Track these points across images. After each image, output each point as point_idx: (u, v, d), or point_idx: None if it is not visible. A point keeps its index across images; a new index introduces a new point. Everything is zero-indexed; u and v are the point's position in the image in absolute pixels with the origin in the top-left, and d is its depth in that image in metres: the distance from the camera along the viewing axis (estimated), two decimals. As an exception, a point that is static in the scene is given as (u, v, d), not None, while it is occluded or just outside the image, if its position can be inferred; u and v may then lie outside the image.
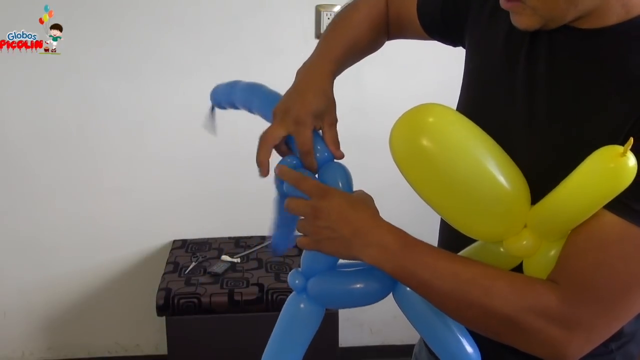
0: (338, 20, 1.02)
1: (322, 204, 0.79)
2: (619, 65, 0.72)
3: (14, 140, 2.26)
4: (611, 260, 0.69)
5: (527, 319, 0.71)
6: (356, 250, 0.78)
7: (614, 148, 0.64)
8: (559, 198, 0.70)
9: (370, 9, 1.02)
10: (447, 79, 2.01)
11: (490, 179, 0.74)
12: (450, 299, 0.76)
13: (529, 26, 0.74)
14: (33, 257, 2.39)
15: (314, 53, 0.96)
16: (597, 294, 0.70)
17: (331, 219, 0.78)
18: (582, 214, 0.69)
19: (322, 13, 2.21)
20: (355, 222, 0.78)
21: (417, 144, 0.73)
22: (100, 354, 2.52)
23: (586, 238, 0.70)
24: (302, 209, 0.81)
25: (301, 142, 0.84)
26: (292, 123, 0.84)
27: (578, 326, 0.71)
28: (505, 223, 0.76)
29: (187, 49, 2.22)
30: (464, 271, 0.75)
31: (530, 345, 0.74)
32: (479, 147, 0.75)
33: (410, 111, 0.76)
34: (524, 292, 0.72)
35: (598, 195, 0.66)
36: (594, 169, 0.66)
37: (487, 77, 0.88)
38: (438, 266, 0.75)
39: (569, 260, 0.72)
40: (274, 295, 1.98)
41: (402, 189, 0.96)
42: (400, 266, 0.76)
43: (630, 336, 0.86)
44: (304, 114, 0.84)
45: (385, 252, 0.76)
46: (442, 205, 0.79)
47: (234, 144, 2.28)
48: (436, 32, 1.00)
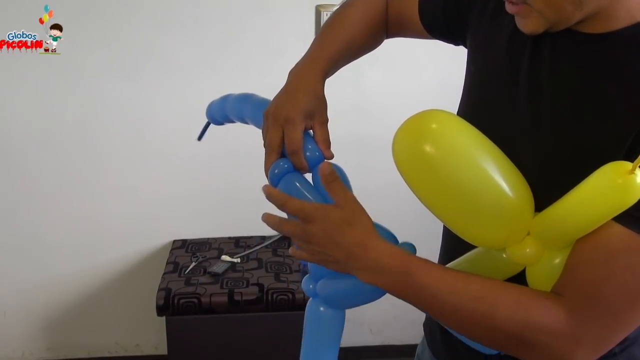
0: (333, 18, 1.00)
1: (310, 229, 0.77)
2: (623, 70, 0.72)
3: (14, 140, 2.26)
4: (618, 271, 0.69)
5: (534, 335, 0.71)
6: (353, 271, 0.78)
7: (622, 164, 0.64)
8: (565, 209, 0.70)
9: (367, 7, 1.00)
10: (446, 79, 2.01)
11: (493, 185, 0.73)
12: (453, 318, 0.76)
13: (535, 30, 0.74)
14: (33, 257, 2.39)
15: (306, 53, 0.94)
16: (604, 305, 0.70)
17: (321, 244, 0.77)
18: (588, 226, 0.69)
19: (322, 13, 2.21)
20: (347, 246, 0.76)
21: (419, 151, 0.73)
22: (100, 354, 2.52)
23: (592, 249, 0.70)
24: (294, 232, 0.80)
25: (289, 142, 0.83)
26: (283, 122, 0.83)
27: (585, 338, 0.71)
28: (509, 230, 0.75)
29: (188, 49, 2.22)
30: (466, 289, 0.74)
31: (538, 358, 0.74)
32: (482, 153, 0.75)
33: (413, 117, 0.75)
34: (529, 308, 0.72)
35: (604, 210, 0.66)
36: (602, 183, 0.65)
37: (489, 80, 0.87)
38: (439, 286, 0.74)
39: (574, 271, 0.72)
40: (274, 295, 1.98)
41: (402, 189, 0.96)
42: (398, 286, 0.76)
43: (633, 339, 0.85)
44: (294, 113, 0.83)
45: (382, 276, 0.76)
46: (444, 212, 0.78)
47: (234, 144, 2.28)
48: (437, 31, 0.99)
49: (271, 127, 0.84)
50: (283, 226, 0.81)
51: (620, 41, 0.72)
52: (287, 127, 0.83)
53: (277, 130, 0.83)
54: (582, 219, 0.68)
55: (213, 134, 2.61)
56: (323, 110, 0.87)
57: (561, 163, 0.75)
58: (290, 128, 0.83)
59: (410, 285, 0.75)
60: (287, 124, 0.83)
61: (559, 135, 0.76)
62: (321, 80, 0.90)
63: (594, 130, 0.72)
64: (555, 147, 0.76)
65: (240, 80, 2.22)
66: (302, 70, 0.91)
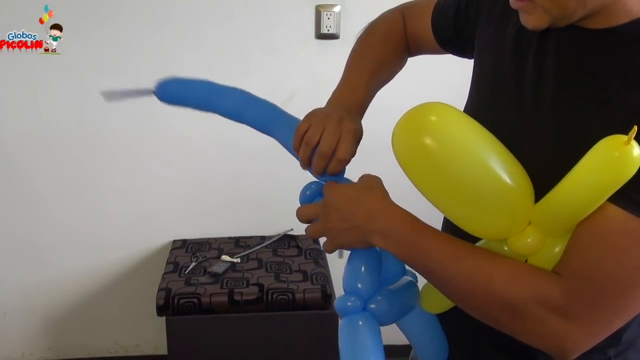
0: (358, 49, 1.04)
1: (331, 198, 0.84)
2: (624, 64, 0.73)
3: (13, 140, 2.26)
4: (613, 253, 0.69)
5: (528, 307, 0.72)
6: (368, 235, 0.81)
7: (618, 137, 0.64)
8: (564, 191, 0.70)
9: (388, 32, 1.05)
10: (447, 79, 2.01)
11: (493, 176, 0.74)
12: (453, 284, 0.78)
13: (538, 25, 0.75)
14: (33, 257, 2.39)
15: (343, 85, 0.99)
16: (599, 286, 0.70)
17: (342, 209, 0.82)
18: (587, 207, 0.69)
19: (322, 13, 2.21)
20: (366, 206, 0.81)
21: (419, 143, 0.73)
22: (100, 354, 2.52)
23: (589, 231, 0.70)
24: (313, 210, 0.86)
25: (345, 150, 0.86)
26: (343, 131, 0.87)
27: (578, 318, 0.71)
28: (510, 220, 0.76)
29: (187, 48, 2.22)
30: (468, 257, 0.77)
31: (530, 334, 0.74)
32: (481, 144, 0.75)
33: (412, 110, 0.76)
34: (526, 281, 0.73)
35: (603, 186, 0.66)
36: (598, 158, 0.66)
37: (494, 78, 0.89)
38: (443, 251, 0.77)
39: (571, 253, 0.73)
40: (274, 295, 1.98)
41: (402, 188, 0.96)
42: (407, 250, 0.79)
43: (629, 343, 0.85)
44: (360, 129, 0.90)
45: (392, 236, 0.79)
46: (445, 204, 0.79)
47: (234, 144, 2.28)
48: (450, 45, 1.03)
49: (332, 132, 0.86)
50: (304, 209, 0.88)
51: (622, 36, 0.73)
52: (348, 137, 0.87)
53: (337, 136, 0.86)
54: (581, 198, 0.68)
55: (213, 134, 2.60)
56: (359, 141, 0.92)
57: (562, 156, 0.75)
58: (351, 139, 0.87)
59: (418, 249, 0.79)
60: (349, 135, 0.87)
61: (561, 128, 0.76)
62: (361, 118, 0.96)
63: (596, 123, 0.73)
64: (558, 140, 0.77)
65: (240, 80, 2.21)
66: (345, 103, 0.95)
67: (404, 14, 1.07)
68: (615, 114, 0.71)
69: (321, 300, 1.97)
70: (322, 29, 2.22)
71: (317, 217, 0.86)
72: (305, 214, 0.87)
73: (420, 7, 1.05)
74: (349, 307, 0.87)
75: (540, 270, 0.75)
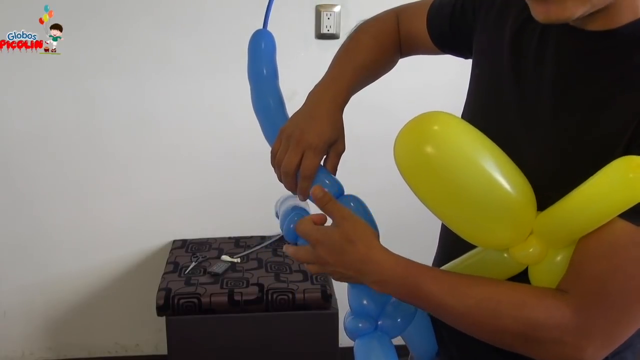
0: (348, 44, 1.03)
1: (319, 253, 0.82)
2: (626, 67, 0.72)
3: (14, 140, 2.26)
4: (623, 266, 0.69)
5: (541, 333, 0.72)
6: (368, 284, 0.81)
7: (633, 159, 0.65)
8: (572, 206, 0.70)
9: (380, 30, 1.04)
10: (446, 79, 2.01)
11: (495, 186, 0.73)
12: (461, 322, 0.78)
13: (564, 17, 0.69)
14: (33, 257, 2.39)
15: (325, 77, 0.98)
16: (611, 300, 0.70)
17: (333, 264, 0.82)
18: (595, 223, 0.69)
19: (322, 13, 2.21)
20: (353, 263, 0.80)
21: (421, 152, 0.73)
22: (100, 354, 2.52)
23: (597, 245, 0.70)
24: (308, 258, 0.85)
25: (306, 167, 0.87)
26: (305, 148, 0.87)
27: (593, 334, 0.71)
28: (512, 230, 0.76)
29: (188, 48, 2.22)
30: (470, 292, 0.76)
31: (547, 355, 0.74)
32: (483, 154, 0.75)
33: (414, 119, 0.75)
34: (535, 306, 0.73)
35: (614, 204, 0.66)
36: (612, 177, 0.66)
37: (493, 81, 0.88)
38: (443, 293, 0.76)
39: (579, 267, 0.72)
40: (274, 295, 1.98)
41: (402, 188, 0.96)
42: (406, 296, 0.79)
43: (626, 344, 0.84)
44: (319, 141, 0.88)
45: (391, 286, 0.79)
46: (447, 214, 0.79)
47: (234, 144, 2.28)
48: (446, 45, 1.01)
49: (292, 150, 0.87)
50: (299, 254, 0.87)
51: (623, 38, 0.73)
52: (308, 154, 0.87)
53: (298, 154, 0.87)
54: (590, 215, 0.68)
55: (213, 135, 2.61)
56: (342, 140, 0.92)
57: (563, 161, 0.75)
58: (311, 155, 0.87)
59: (417, 294, 0.78)
60: (310, 151, 0.87)
61: (561, 133, 0.76)
62: (341, 111, 0.94)
63: (597, 128, 0.72)
64: (558, 146, 0.76)
65: (240, 80, 2.21)
66: (324, 97, 0.94)
67: (398, 15, 1.06)
68: (616, 117, 0.70)
69: (321, 300, 1.98)
70: (322, 29, 2.22)
71: (311, 263, 0.85)
72: (299, 259, 0.87)
73: (415, 7, 1.04)
74: (361, 329, 0.88)
75: (547, 291, 0.74)
